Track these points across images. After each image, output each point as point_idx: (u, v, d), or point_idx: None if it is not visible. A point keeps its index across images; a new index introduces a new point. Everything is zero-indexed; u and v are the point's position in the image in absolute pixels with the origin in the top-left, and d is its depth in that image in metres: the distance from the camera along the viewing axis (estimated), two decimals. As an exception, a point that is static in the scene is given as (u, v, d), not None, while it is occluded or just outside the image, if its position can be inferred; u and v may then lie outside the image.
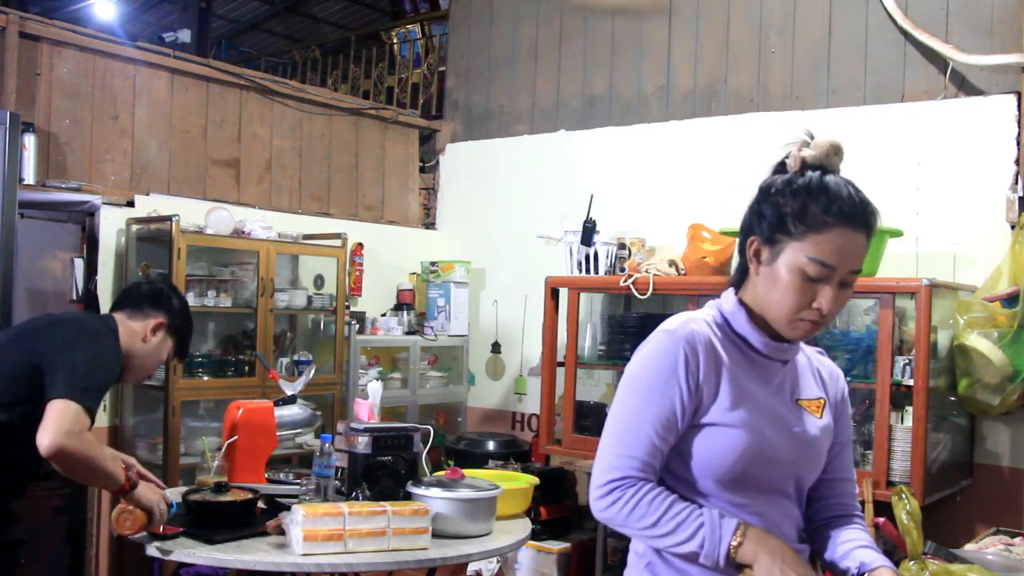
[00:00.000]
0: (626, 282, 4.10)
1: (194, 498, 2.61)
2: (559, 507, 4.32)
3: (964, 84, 3.97)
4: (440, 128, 5.82)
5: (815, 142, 1.54)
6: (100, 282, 4.08)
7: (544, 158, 5.23)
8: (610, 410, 1.58)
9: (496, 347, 5.35)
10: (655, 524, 1.48)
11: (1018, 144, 3.77)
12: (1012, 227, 3.68)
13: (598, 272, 4.41)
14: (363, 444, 2.75)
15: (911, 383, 3.39)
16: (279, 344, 4.60)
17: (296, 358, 4.55)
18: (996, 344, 3.39)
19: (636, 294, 4.06)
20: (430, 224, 5.80)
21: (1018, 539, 3.04)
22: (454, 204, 5.70)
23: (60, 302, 4.17)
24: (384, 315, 5.06)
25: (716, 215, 4.13)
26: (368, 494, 2.69)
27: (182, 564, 2.95)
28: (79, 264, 4.09)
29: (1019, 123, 3.77)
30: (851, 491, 1.73)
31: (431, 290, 5.26)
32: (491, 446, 4.72)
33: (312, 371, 3.38)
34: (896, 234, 3.65)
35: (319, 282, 4.83)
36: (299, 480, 2.94)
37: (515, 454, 4.61)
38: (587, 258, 4.43)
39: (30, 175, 3.89)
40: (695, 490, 1.55)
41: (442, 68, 6.23)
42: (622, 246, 4.50)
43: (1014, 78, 3.81)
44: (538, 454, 4.56)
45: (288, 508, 2.55)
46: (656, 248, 4.50)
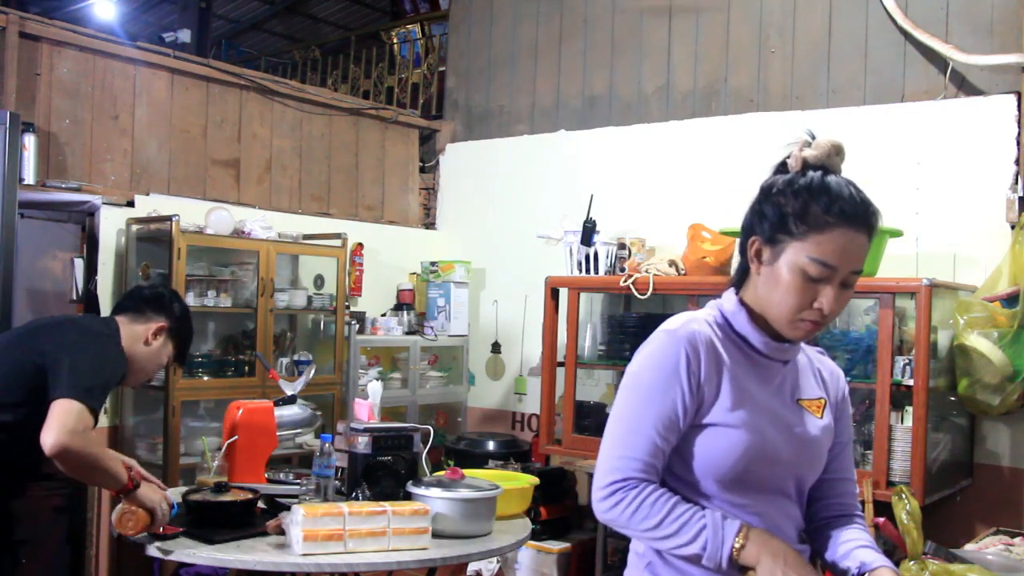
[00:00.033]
0: (626, 282, 4.11)
1: (194, 498, 2.61)
2: (559, 507, 4.32)
3: (964, 84, 3.97)
4: (440, 128, 5.82)
5: (817, 142, 1.54)
6: (100, 282, 4.08)
7: (544, 158, 5.23)
8: (611, 410, 1.58)
9: (496, 347, 5.35)
10: (658, 526, 1.48)
11: (1018, 144, 3.78)
12: (1012, 227, 3.68)
13: (598, 272, 4.41)
14: (363, 444, 2.76)
15: (911, 383, 3.40)
16: (279, 344, 4.60)
17: (296, 358, 4.55)
18: (996, 344, 3.39)
19: (636, 294, 4.06)
20: (430, 224, 5.80)
21: (1018, 539, 3.04)
22: (454, 204, 5.70)
23: (60, 302, 4.17)
24: (384, 315, 5.06)
25: (716, 215, 4.13)
26: (368, 494, 2.69)
27: (182, 564, 2.94)
28: (79, 264, 4.09)
29: (1019, 123, 3.77)
30: (851, 491, 1.73)
31: (431, 290, 5.26)
32: (491, 446, 4.72)
33: (312, 371, 3.38)
34: (896, 234, 3.65)
35: (319, 282, 4.83)
36: (299, 480, 2.94)
37: (515, 454, 4.61)
38: (587, 258, 4.43)
39: (30, 175, 3.89)
40: (696, 490, 1.55)
41: (442, 68, 6.22)
42: (622, 246, 4.50)
43: (1014, 78, 3.81)
44: (538, 454, 4.56)
45: (288, 508, 2.55)
46: (656, 248, 4.50)
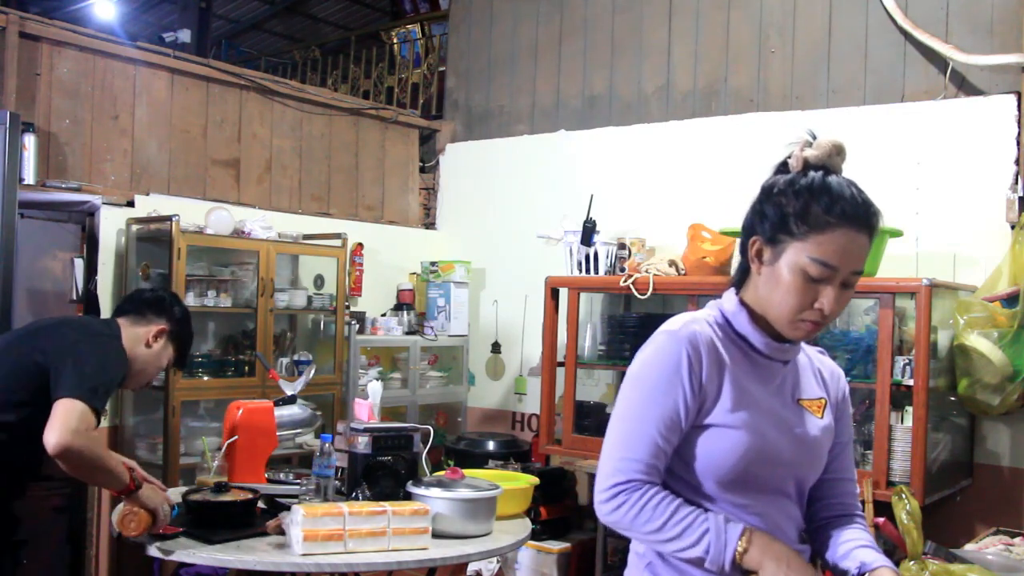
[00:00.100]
0: (626, 282, 4.11)
1: (194, 498, 2.61)
2: (559, 507, 4.32)
3: (964, 84, 3.97)
4: (440, 128, 5.82)
5: (818, 142, 1.54)
6: (100, 282, 4.08)
7: (544, 158, 5.23)
8: (613, 412, 1.58)
9: (496, 347, 5.35)
10: (660, 529, 1.47)
11: (1018, 144, 3.78)
12: (1012, 227, 3.68)
13: (598, 272, 4.41)
14: (363, 444, 2.76)
15: (911, 383, 3.40)
16: (279, 344, 4.60)
17: (296, 358, 4.55)
18: (996, 344, 3.39)
19: (636, 294, 4.06)
20: (430, 224, 5.80)
21: (1018, 539, 3.04)
22: (454, 204, 5.70)
23: (60, 302, 4.16)
24: (384, 315, 5.06)
25: (716, 215, 4.14)
26: (368, 494, 2.69)
27: (182, 564, 2.94)
28: (79, 264, 4.09)
29: (1019, 123, 3.77)
30: (852, 491, 1.73)
31: (431, 290, 5.26)
32: (491, 446, 4.72)
33: (312, 371, 3.38)
34: (896, 234, 3.65)
35: (319, 282, 4.83)
36: (299, 480, 2.94)
37: (515, 454, 4.61)
38: (587, 258, 4.43)
39: (30, 175, 3.89)
40: (696, 491, 1.55)
41: (442, 68, 6.22)
42: (622, 246, 4.50)
43: (1014, 78, 3.81)
44: (538, 454, 4.56)
45: (288, 508, 2.55)
46: (656, 248, 4.50)
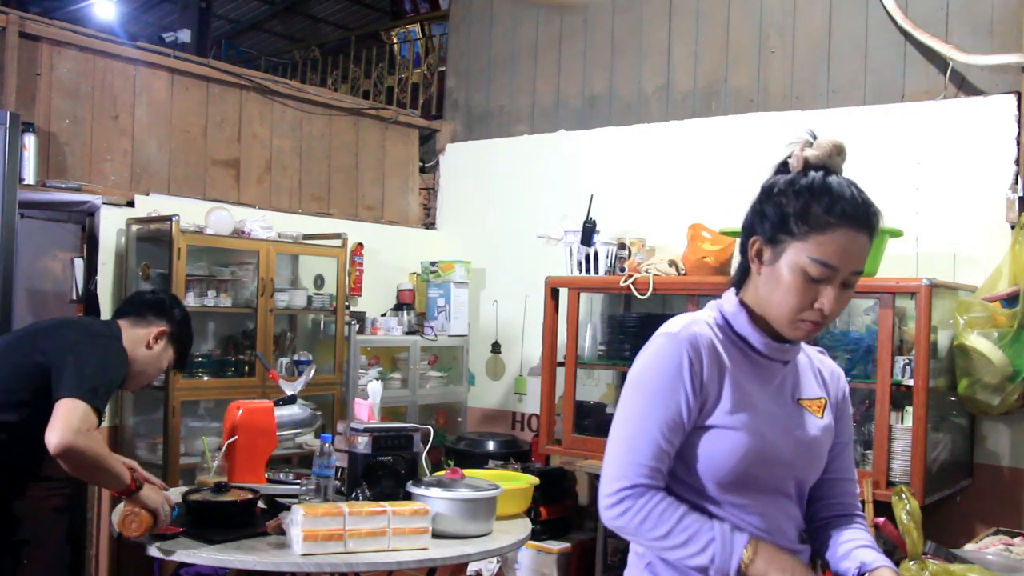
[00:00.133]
0: (626, 282, 4.11)
1: (194, 498, 2.61)
2: (559, 507, 4.32)
3: (964, 84, 3.97)
4: (440, 128, 5.82)
5: (818, 142, 1.54)
6: (100, 282, 4.08)
7: (544, 158, 5.23)
8: (615, 415, 1.57)
9: (496, 347, 5.35)
10: (666, 535, 1.47)
11: (1018, 144, 3.78)
12: (1012, 227, 3.68)
13: (598, 272, 4.41)
14: (363, 444, 2.76)
15: (911, 383, 3.40)
16: (279, 344, 4.60)
17: (296, 358, 4.55)
18: (996, 344, 3.39)
19: (636, 294, 4.06)
20: (430, 224, 5.80)
21: (1018, 539, 3.03)
22: (454, 204, 5.70)
23: (60, 302, 4.16)
24: (384, 315, 5.06)
25: (716, 215, 4.13)
26: (368, 494, 2.69)
27: (182, 564, 2.94)
28: (79, 264, 4.09)
29: (1019, 123, 3.77)
30: (852, 491, 1.73)
31: (431, 290, 5.25)
32: (491, 446, 4.72)
33: (312, 371, 3.38)
34: (896, 234, 3.65)
35: (319, 282, 4.83)
36: (299, 480, 2.94)
37: (515, 454, 4.61)
38: (587, 258, 4.43)
39: (30, 175, 3.89)
40: (696, 492, 1.55)
41: (442, 68, 6.22)
42: (622, 246, 4.50)
43: (1014, 78, 3.81)
44: (538, 454, 4.56)
45: (288, 508, 2.55)
46: (656, 248, 4.50)
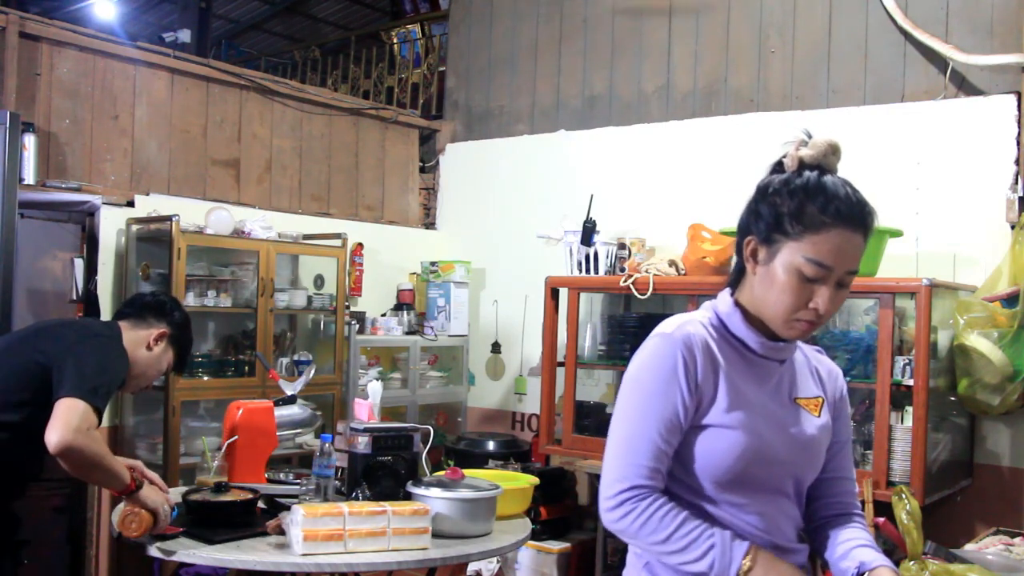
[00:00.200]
0: (626, 282, 4.11)
1: (194, 498, 2.61)
2: (559, 507, 4.32)
3: (964, 84, 3.97)
4: (440, 128, 5.82)
5: (813, 141, 1.53)
6: (100, 282, 4.08)
7: (544, 158, 5.23)
8: (613, 417, 1.57)
9: (496, 347, 5.35)
10: (666, 540, 1.47)
11: (1018, 144, 3.77)
12: (1012, 227, 3.68)
13: (598, 272, 4.41)
14: (363, 444, 2.76)
15: (911, 383, 3.39)
16: (279, 344, 4.60)
17: (296, 358, 4.55)
18: (996, 344, 3.39)
19: (636, 294, 4.06)
20: (430, 224, 5.80)
21: (1018, 539, 3.03)
22: (454, 204, 5.70)
23: (60, 302, 4.17)
24: (384, 315, 5.06)
25: (716, 215, 4.13)
26: (368, 494, 2.69)
27: (182, 564, 2.94)
28: (79, 264, 4.09)
29: (1019, 123, 3.77)
30: (851, 490, 1.72)
31: (431, 290, 5.26)
32: (491, 446, 4.72)
33: (312, 371, 3.38)
34: (896, 234, 3.65)
35: (319, 282, 4.83)
36: (299, 480, 2.94)
37: (515, 454, 4.61)
38: (587, 258, 4.43)
39: (30, 175, 3.89)
40: (693, 491, 1.55)
41: (442, 68, 6.22)
42: (622, 246, 4.50)
43: (1014, 78, 3.81)
44: (538, 454, 4.56)
45: (288, 508, 2.55)
46: (656, 248, 4.50)
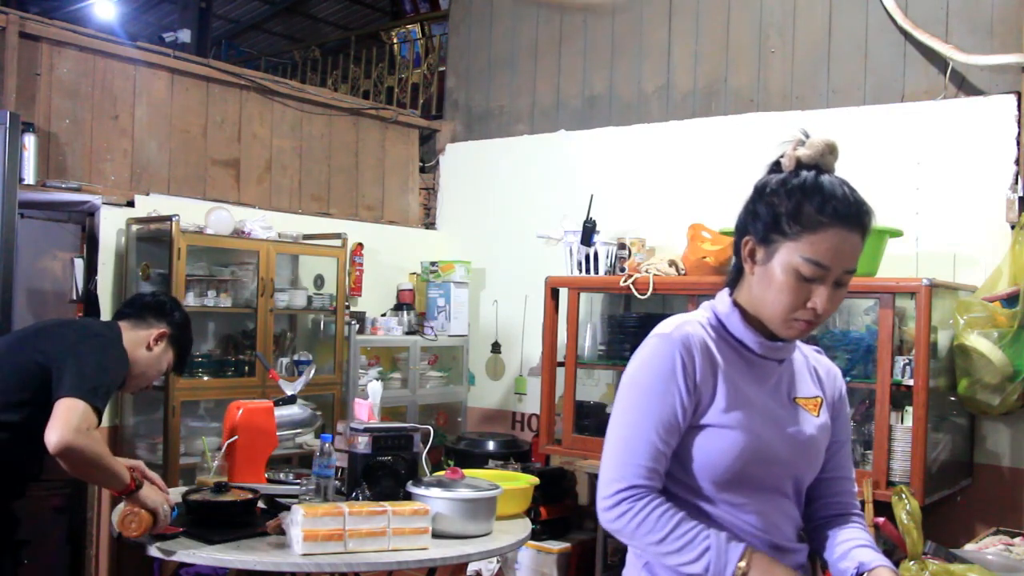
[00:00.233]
0: (626, 282, 4.11)
1: (194, 498, 2.61)
2: (559, 507, 4.32)
3: (964, 84, 3.97)
4: (440, 128, 5.82)
5: (810, 141, 1.54)
6: (100, 282, 4.08)
7: (544, 158, 5.23)
8: (611, 417, 1.58)
9: (496, 347, 5.35)
10: (662, 541, 1.47)
11: (1018, 144, 3.77)
12: (1012, 227, 3.68)
13: (598, 272, 4.41)
14: (363, 444, 2.76)
15: (911, 383, 3.39)
16: (279, 344, 4.60)
17: (296, 358, 4.55)
18: (996, 344, 3.39)
19: (636, 294, 4.06)
20: (430, 224, 5.80)
21: (1018, 539, 3.03)
22: (454, 204, 5.70)
23: (60, 302, 4.16)
24: (384, 315, 5.06)
25: (716, 215, 4.13)
26: (368, 494, 2.69)
27: (182, 564, 2.94)
28: (79, 264, 4.09)
29: (1019, 123, 3.77)
30: (850, 489, 1.73)
31: (431, 290, 5.26)
32: (491, 446, 4.72)
33: (312, 371, 3.38)
34: (896, 234, 3.65)
35: (319, 282, 4.83)
36: (299, 480, 2.94)
37: (515, 454, 4.61)
38: (587, 258, 4.43)
39: (30, 175, 3.89)
40: (692, 491, 1.55)
41: (442, 68, 6.22)
42: (622, 246, 4.50)
43: (1014, 78, 3.81)
44: (538, 454, 4.56)
45: (288, 508, 2.55)
46: (656, 248, 4.50)
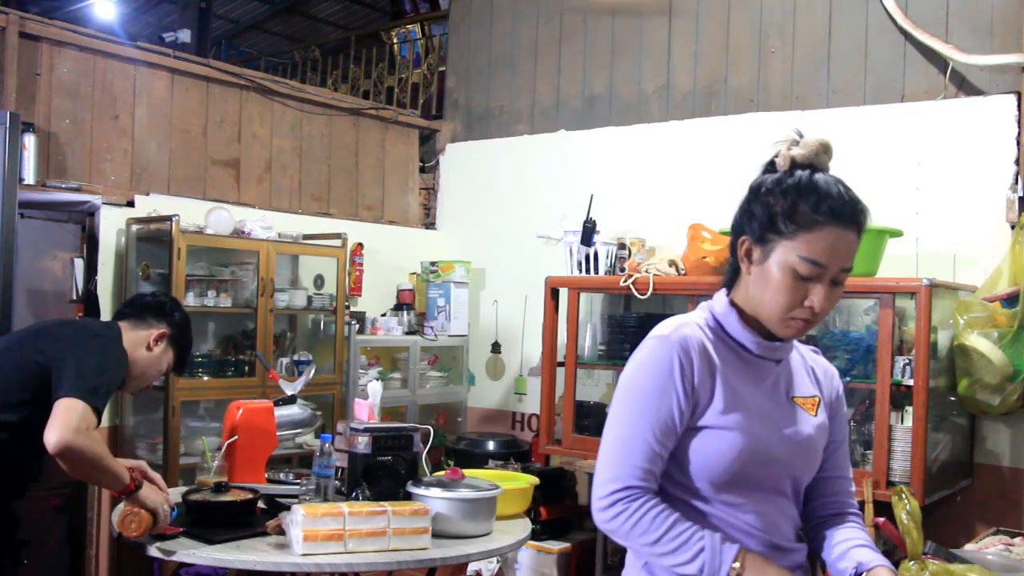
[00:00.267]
0: (626, 282, 4.11)
1: (194, 498, 2.61)
2: (559, 507, 4.32)
3: (964, 84, 3.97)
4: (440, 128, 5.82)
5: (804, 141, 1.54)
6: (100, 282, 4.08)
7: (544, 158, 5.23)
8: (608, 418, 1.58)
9: (496, 347, 5.35)
10: (656, 542, 1.48)
11: (1018, 144, 3.77)
12: (1012, 227, 3.68)
13: (598, 272, 4.41)
14: (363, 444, 2.76)
15: (911, 383, 3.39)
16: (279, 344, 4.60)
17: (296, 358, 4.55)
18: (996, 344, 3.39)
19: (636, 294, 4.06)
20: (430, 224, 5.80)
21: (1018, 539, 3.03)
22: (454, 204, 5.70)
23: (60, 302, 4.16)
24: (384, 315, 5.06)
25: (716, 215, 4.12)
26: (368, 494, 2.69)
27: (182, 564, 2.94)
28: (79, 264, 4.09)
29: (1019, 123, 3.77)
30: (847, 489, 1.73)
31: (431, 290, 5.26)
32: (491, 446, 4.72)
33: (312, 371, 3.38)
34: (896, 234, 3.65)
35: (319, 282, 4.83)
36: (299, 480, 2.94)
37: (515, 454, 4.61)
38: (587, 258, 4.43)
39: (30, 175, 3.89)
40: (690, 492, 1.55)
41: (442, 68, 6.22)
42: (622, 246, 4.50)
43: (1014, 78, 3.81)
44: (538, 454, 4.56)
45: (288, 508, 2.55)
46: (656, 248, 4.50)
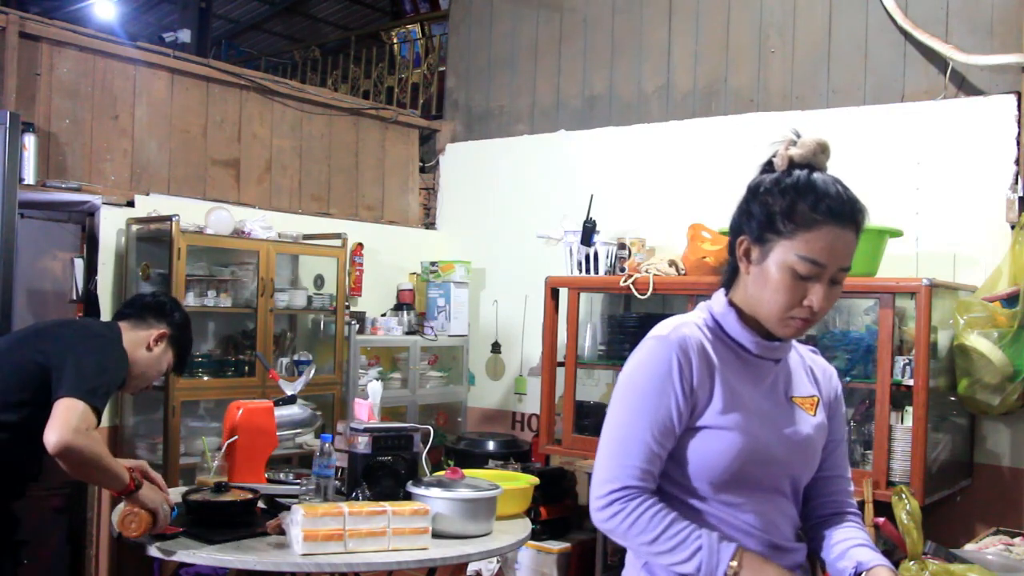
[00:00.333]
0: (626, 282, 4.11)
1: (194, 498, 2.61)
2: (559, 507, 4.32)
3: (964, 84, 3.97)
4: (440, 128, 5.82)
5: (802, 140, 1.54)
6: (100, 282, 4.08)
7: (544, 158, 5.23)
8: (606, 418, 1.58)
9: (496, 347, 5.35)
10: (654, 541, 1.48)
11: (1018, 144, 3.77)
12: (1012, 227, 3.68)
13: (598, 272, 4.41)
14: (363, 444, 2.76)
15: (911, 383, 3.39)
16: (279, 344, 4.60)
17: (296, 358, 4.55)
18: (996, 344, 3.39)
19: (636, 294, 4.06)
20: (430, 224, 5.80)
21: (1018, 539, 3.03)
22: (454, 204, 5.70)
23: (60, 302, 4.16)
24: (384, 315, 5.06)
25: (716, 215, 4.12)
26: (368, 494, 2.69)
27: (182, 564, 2.94)
28: (79, 264, 4.09)
29: (1019, 123, 3.77)
30: (846, 488, 1.73)
31: (431, 290, 5.26)
32: (491, 446, 4.72)
33: (312, 371, 3.38)
34: (896, 234, 3.65)
35: (319, 282, 4.83)
36: (299, 480, 2.94)
37: (515, 454, 4.61)
38: (587, 258, 4.43)
39: (30, 175, 3.89)
40: (690, 492, 1.55)
41: (442, 68, 6.22)
42: (622, 246, 4.50)
43: (1014, 78, 3.81)
44: (538, 454, 4.56)
45: (288, 508, 2.55)
46: (656, 248, 4.50)
